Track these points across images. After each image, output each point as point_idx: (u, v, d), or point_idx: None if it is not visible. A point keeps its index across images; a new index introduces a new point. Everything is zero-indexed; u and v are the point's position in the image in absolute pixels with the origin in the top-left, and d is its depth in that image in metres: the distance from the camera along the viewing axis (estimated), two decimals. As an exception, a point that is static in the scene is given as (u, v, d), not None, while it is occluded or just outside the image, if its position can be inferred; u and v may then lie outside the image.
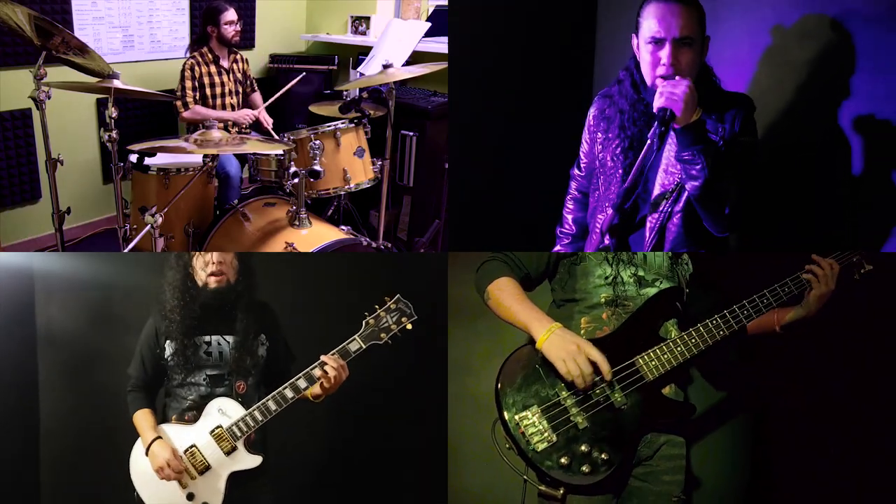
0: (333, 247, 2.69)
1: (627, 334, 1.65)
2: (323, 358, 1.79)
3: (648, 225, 1.82)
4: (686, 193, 1.75)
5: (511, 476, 1.64)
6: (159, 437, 1.84)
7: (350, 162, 3.09)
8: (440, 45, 4.06)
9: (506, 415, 1.59)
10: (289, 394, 1.81)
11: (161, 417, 1.90)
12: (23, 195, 3.82)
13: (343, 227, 3.07)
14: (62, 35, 2.53)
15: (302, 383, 1.81)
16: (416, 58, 3.72)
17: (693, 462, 1.75)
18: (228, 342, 1.88)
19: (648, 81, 1.75)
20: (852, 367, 2.08)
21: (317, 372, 1.79)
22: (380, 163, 3.25)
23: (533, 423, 1.58)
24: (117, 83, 2.59)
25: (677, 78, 1.66)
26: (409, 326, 1.84)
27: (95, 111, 4.05)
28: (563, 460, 1.55)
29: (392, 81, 3.12)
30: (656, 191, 1.81)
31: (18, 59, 3.52)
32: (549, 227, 2.17)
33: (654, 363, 1.62)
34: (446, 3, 3.22)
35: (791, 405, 2.17)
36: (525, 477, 1.61)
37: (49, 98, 2.61)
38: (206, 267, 1.88)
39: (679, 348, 1.63)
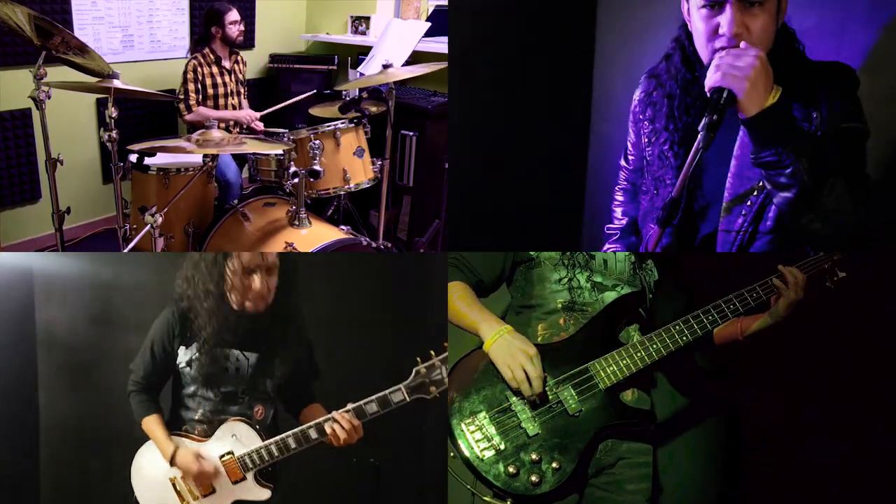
0: (333, 247, 2.69)
1: (585, 339, 1.57)
2: (333, 414, 1.65)
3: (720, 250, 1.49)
4: (773, 208, 1.35)
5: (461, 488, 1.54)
6: (177, 448, 1.73)
7: (350, 162, 3.09)
8: (440, 45, 4.05)
9: (452, 421, 1.51)
10: (312, 435, 1.67)
11: (170, 422, 1.79)
12: (23, 195, 3.82)
13: (343, 227, 3.07)
14: (62, 35, 2.53)
15: (313, 433, 1.67)
16: (416, 58, 3.71)
17: (660, 469, 1.64)
18: (248, 359, 1.74)
19: (704, 58, 1.37)
20: (828, 373, 2.01)
21: (326, 427, 1.65)
22: (380, 163, 3.25)
23: (480, 430, 1.49)
24: (117, 83, 2.59)
25: (743, 45, 1.27)
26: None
27: (95, 111, 4.05)
28: (510, 469, 1.46)
29: (392, 81, 3.13)
30: (725, 204, 1.44)
31: (18, 59, 3.51)
32: (550, 227, 2.17)
33: (610, 368, 1.52)
34: (446, 3, 3.22)
35: (765, 413, 2.11)
36: (472, 489, 1.52)
37: (49, 98, 2.61)
38: (248, 286, 1.68)
39: (639, 353, 1.52)
